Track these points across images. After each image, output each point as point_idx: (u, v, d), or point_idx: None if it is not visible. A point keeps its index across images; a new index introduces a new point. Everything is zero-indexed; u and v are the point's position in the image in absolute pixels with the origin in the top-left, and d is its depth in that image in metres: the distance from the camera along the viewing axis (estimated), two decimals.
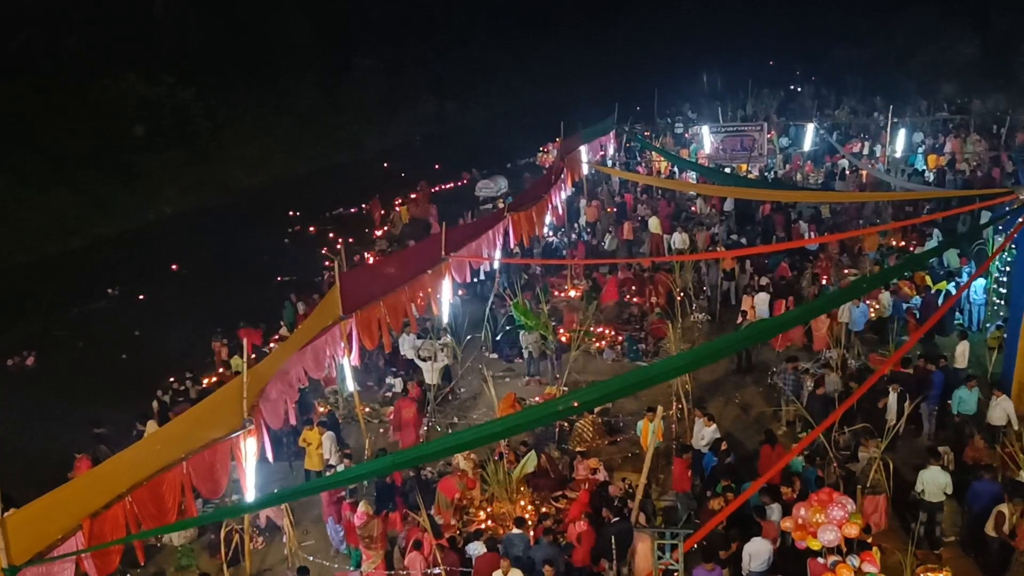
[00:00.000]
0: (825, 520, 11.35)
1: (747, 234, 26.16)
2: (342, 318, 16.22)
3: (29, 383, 22.52)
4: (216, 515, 11.99)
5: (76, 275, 31.22)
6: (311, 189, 43.48)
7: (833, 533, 11.28)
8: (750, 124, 36.58)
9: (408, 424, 16.92)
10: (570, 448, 16.76)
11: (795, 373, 16.70)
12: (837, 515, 11.35)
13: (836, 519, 11.33)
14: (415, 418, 17.14)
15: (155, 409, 18.01)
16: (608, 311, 22.92)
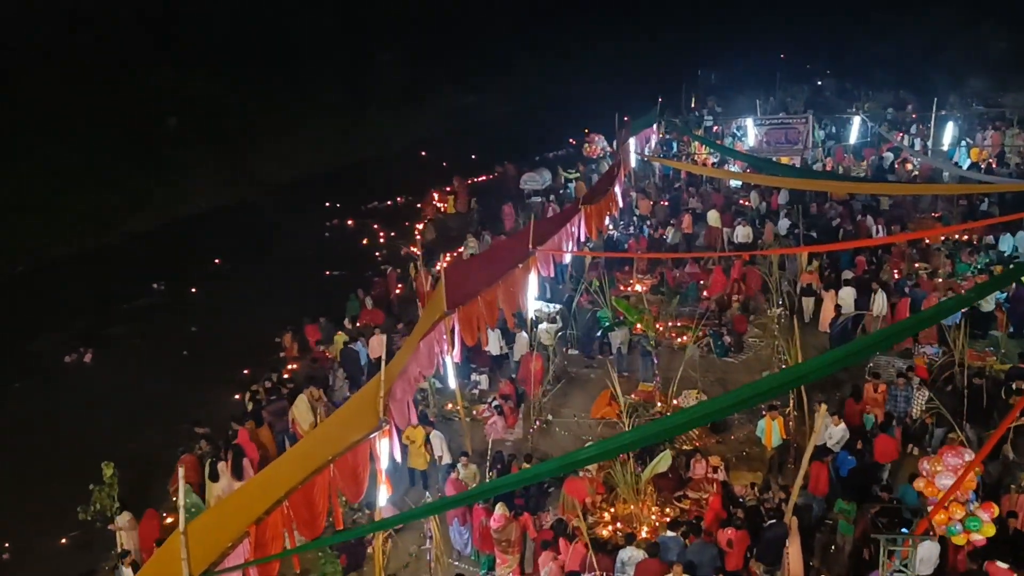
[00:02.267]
0: (942, 468, 11.44)
1: (816, 229, 25.64)
2: (447, 314, 15.78)
3: (91, 381, 22.05)
4: (371, 527, 11.50)
5: (117, 270, 30.57)
6: (342, 183, 42.80)
7: (949, 479, 11.25)
8: (795, 116, 36.22)
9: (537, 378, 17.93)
10: (677, 447, 16.35)
11: (907, 389, 15.90)
12: (953, 462, 11.38)
13: (952, 466, 11.34)
14: (540, 372, 18.13)
15: (249, 408, 17.50)
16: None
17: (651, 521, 13.99)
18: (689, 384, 18.43)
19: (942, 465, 11.49)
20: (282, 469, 10.67)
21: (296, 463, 10.84)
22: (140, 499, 16.36)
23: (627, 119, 33.83)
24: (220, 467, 14.82)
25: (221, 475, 14.72)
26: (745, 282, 23.02)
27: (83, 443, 18.56)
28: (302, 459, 10.91)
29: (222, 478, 14.70)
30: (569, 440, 17.43)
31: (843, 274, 21.55)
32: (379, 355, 19.43)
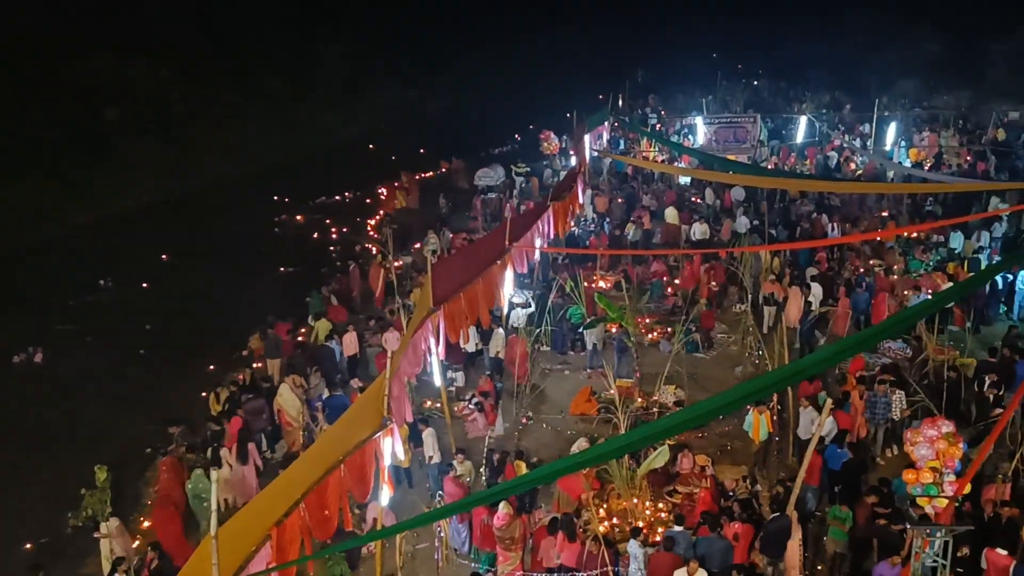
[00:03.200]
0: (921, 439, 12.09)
1: (775, 228, 26.15)
2: (432, 311, 15.63)
3: (44, 381, 21.09)
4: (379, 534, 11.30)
5: (59, 265, 29.42)
6: (285, 176, 42.07)
7: (927, 449, 11.96)
8: (743, 116, 36.88)
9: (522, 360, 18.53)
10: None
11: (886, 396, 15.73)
12: (930, 433, 12.05)
13: (929, 437, 12.03)
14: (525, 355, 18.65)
15: (221, 408, 17.05)
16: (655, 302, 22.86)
17: (646, 516, 14.08)
18: (666, 381, 18.61)
19: (921, 436, 12.14)
20: (297, 470, 10.45)
21: (310, 464, 10.63)
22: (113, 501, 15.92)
23: (572, 116, 33.86)
24: (223, 453, 14.70)
25: (224, 461, 14.61)
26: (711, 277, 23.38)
27: (44, 446, 17.92)
28: (315, 460, 10.71)
29: (225, 465, 14.59)
30: (551, 436, 17.46)
31: (807, 271, 22.01)
32: (353, 352, 19.42)
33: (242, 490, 14.79)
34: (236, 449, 14.84)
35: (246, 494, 14.51)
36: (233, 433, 15.26)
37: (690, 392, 18.31)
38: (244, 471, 14.88)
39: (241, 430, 15.25)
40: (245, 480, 14.91)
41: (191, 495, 14.03)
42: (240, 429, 15.27)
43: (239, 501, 14.51)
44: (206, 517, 13.22)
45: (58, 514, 15.27)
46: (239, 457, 14.83)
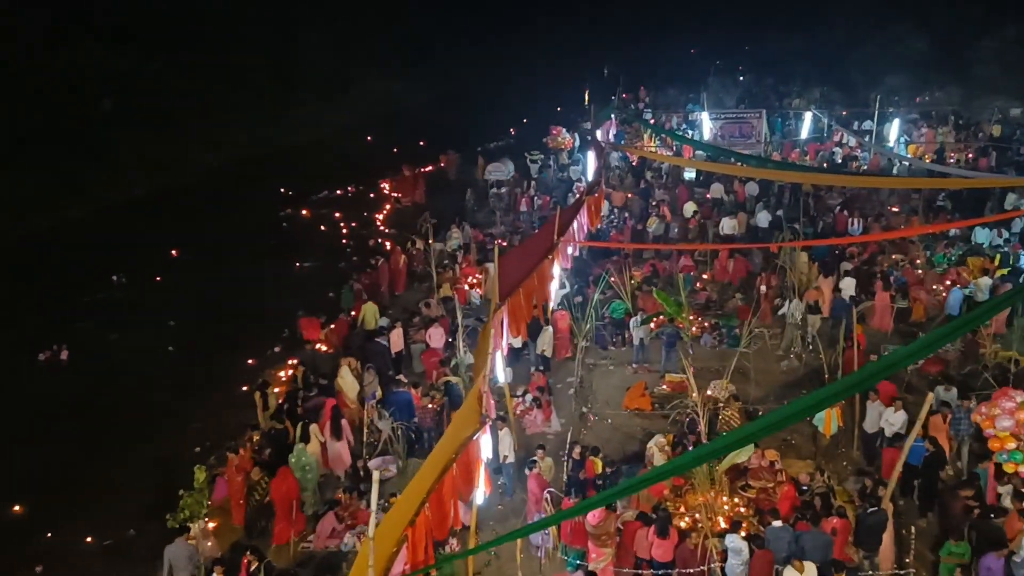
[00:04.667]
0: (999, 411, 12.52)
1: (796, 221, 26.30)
2: (498, 306, 15.50)
3: (74, 381, 20.54)
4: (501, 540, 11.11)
5: (60, 260, 28.74)
6: (277, 168, 41.61)
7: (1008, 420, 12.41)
8: (750, 111, 37.03)
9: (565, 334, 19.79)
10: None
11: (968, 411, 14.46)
12: (1007, 405, 12.49)
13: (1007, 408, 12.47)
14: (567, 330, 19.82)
15: (275, 405, 16.78)
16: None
17: (724, 511, 14.07)
18: (713, 375, 18.64)
19: (999, 408, 12.52)
20: (425, 470, 10.27)
21: (427, 465, 10.45)
22: (165, 503, 15.59)
23: (590, 108, 33.84)
24: (312, 429, 15.09)
25: (313, 436, 15.08)
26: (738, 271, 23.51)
27: (88, 448, 17.44)
28: (430, 461, 10.53)
29: (314, 440, 15.07)
30: (609, 431, 17.38)
31: (842, 265, 22.17)
32: (399, 349, 19.21)
33: (339, 465, 15.51)
34: (330, 426, 15.28)
35: (341, 467, 15.50)
36: (327, 411, 15.57)
37: (740, 386, 18.29)
38: (339, 447, 15.43)
39: (334, 408, 15.64)
40: (341, 456, 15.49)
41: (295, 468, 14.30)
42: (333, 407, 15.65)
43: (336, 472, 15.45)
44: (309, 487, 14.41)
45: (113, 514, 15.17)
46: (333, 434, 15.33)
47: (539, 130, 47.83)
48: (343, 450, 15.55)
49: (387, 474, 15.69)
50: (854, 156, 34.93)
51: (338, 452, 15.47)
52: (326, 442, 15.29)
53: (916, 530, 12.94)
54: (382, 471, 15.65)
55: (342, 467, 15.51)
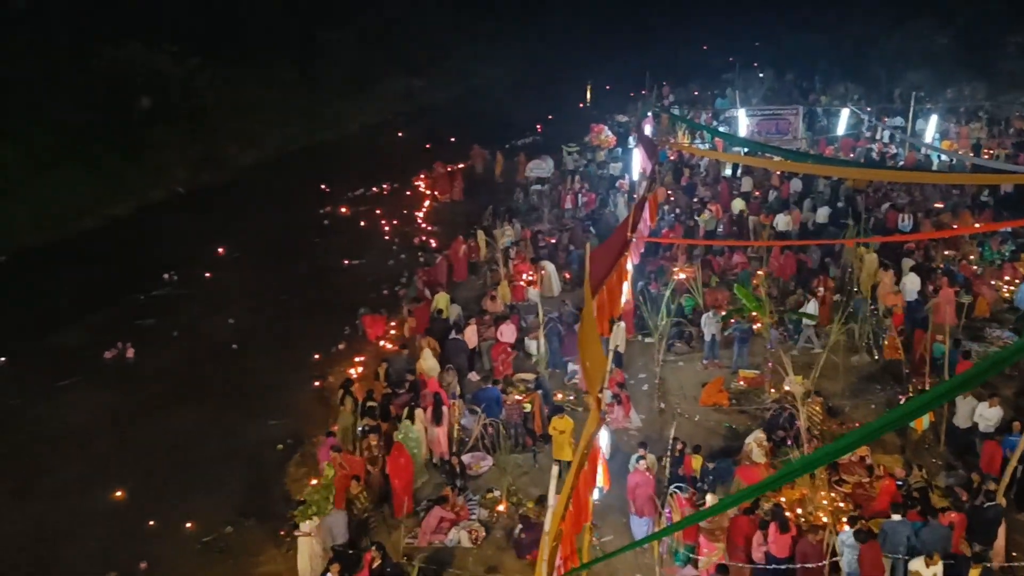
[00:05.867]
0: None
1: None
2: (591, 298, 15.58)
3: (143, 378, 20.60)
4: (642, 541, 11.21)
5: (110, 258, 28.74)
6: (310, 166, 41.67)
7: None
8: (787, 108, 37.13)
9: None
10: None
11: None
12: None
13: None
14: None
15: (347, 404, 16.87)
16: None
17: (823, 506, 14.21)
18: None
19: None
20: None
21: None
22: (259, 498, 15.74)
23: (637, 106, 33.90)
24: (417, 413, 15.68)
25: (417, 420, 15.66)
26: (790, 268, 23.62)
27: (169, 447, 17.52)
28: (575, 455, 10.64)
29: (418, 422, 15.68)
30: (690, 426, 17.46)
31: (903, 262, 22.29)
32: (473, 345, 19.34)
33: (439, 448, 16.00)
34: (432, 411, 15.83)
35: (442, 449, 15.97)
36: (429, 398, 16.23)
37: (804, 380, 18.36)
38: (439, 432, 15.91)
39: (435, 394, 16.23)
40: (440, 441, 15.97)
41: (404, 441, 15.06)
42: (435, 394, 16.26)
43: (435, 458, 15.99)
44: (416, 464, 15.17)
45: (206, 511, 15.31)
46: (434, 418, 15.81)
47: (566, 127, 48.16)
48: (442, 435, 15.99)
49: (480, 469, 15.82)
50: (894, 153, 35.01)
51: (437, 437, 15.96)
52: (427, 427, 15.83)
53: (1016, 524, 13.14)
54: (477, 466, 15.86)
55: (441, 451, 15.99)
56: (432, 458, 16.10)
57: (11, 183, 30.24)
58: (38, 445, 17.64)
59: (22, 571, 14.01)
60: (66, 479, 16.40)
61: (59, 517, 15.24)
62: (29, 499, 15.83)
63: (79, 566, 14.08)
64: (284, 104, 46.05)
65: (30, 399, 19.50)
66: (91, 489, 16.07)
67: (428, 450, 16.02)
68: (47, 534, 14.83)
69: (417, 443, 15.35)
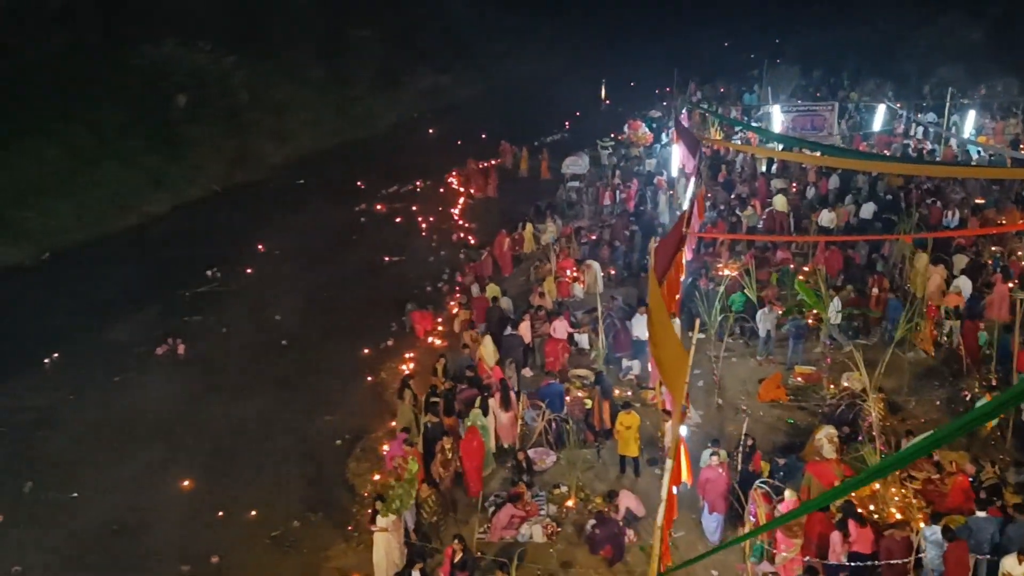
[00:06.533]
0: None
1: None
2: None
3: (196, 372, 20.68)
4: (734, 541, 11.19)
5: (151, 255, 28.98)
6: (341, 164, 41.81)
7: None
8: (822, 104, 37.00)
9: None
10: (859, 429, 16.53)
11: None
12: None
13: None
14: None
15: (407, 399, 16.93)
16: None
17: (895, 502, 14.15)
18: (840, 367, 18.73)
19: None
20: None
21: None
22: (322, 493, 15.79)
23: (671, 104, 33.84)
24: (490, 402, 16.01)
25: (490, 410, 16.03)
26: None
27: (230, 438, 17.64)
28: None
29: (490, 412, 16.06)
30: (750, 423, 17.38)
31: (955, 258, 22.17)
32: (528, 341, 19.34)
33: (507, 434, 16.37)
34: (500, 398, 16.15)
35: (510, 438, 16.33)
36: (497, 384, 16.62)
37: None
38: (507, 419, 16.24)
39: (502, 380, 16.77)
40: (509, 428, 16.33)
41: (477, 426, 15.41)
42: (501, 380, 16.82)
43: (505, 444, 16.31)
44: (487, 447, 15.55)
45: (272, 507, 15.40)
46: (503, 405, 16.13)
47: (592, 123, 48.21)
48: (510, 423, 16.25)
49: (544, 465, 15.83)
50: (930, 149, 34.82)
51: (506, 423, 16.24)
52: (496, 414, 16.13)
53: None
54: (541, 462, 15.86)
55: (509, 439, 16.32)
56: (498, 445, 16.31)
57: (54, 181, 30.42)
58: (98, 440, 17.74)
59: (94, 565, 14.07)
60: (132, 472, 16.51)
61: (126, 510, 15.32)
62: (93, 493, 15.90)
63: (151, 559, 14.16)
64: (315, 102, 46.25)
65: (87, 394, 19.64)
66: (156, 482, 16.20)
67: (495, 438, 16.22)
68: (116, 527, 14.91)
69: (486, 432, 15.50)
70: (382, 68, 54.56)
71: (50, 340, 22.05)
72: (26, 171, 30.01)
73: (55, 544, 14.49)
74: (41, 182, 29.94)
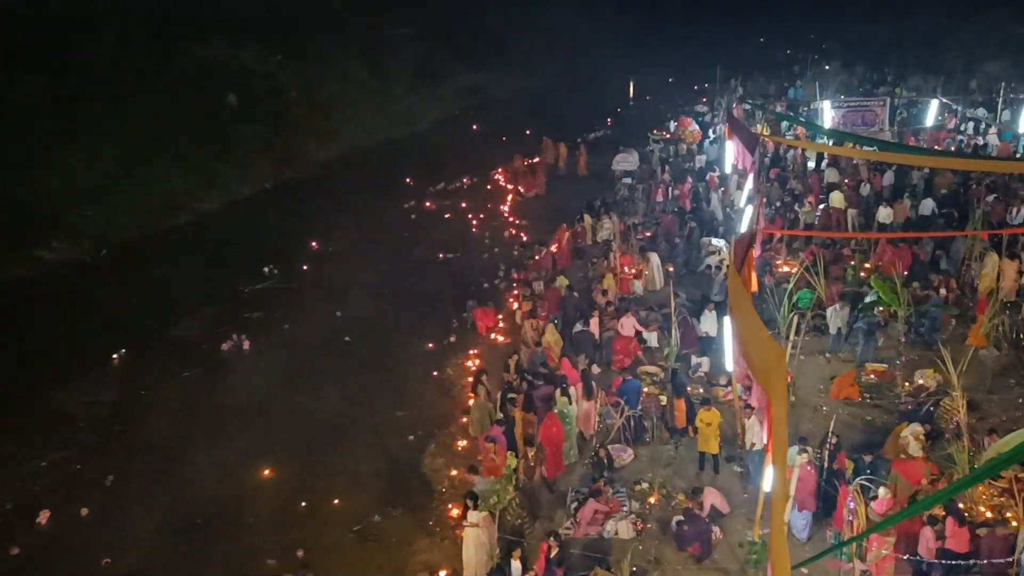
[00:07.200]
0: None
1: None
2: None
3: (264, 368, 20.77)
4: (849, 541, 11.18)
5: (205, 253, 29.06)
6: (385, 161, 41.90)
7: None
8: (873, 99, 36.66)
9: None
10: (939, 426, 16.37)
11: None
12: None
13: None
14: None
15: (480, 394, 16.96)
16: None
17: (983, 500, 14.03)
18: (912, 364, 18.59)
19: None
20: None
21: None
22: (400, 488, 15.85)
23: (720, 102, 33.66)
24: (571, 391, 16.12)
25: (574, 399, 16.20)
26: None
27: (303, 433, 17.76)
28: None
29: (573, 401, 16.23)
30: (825, 420, 17.27)
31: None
32: (597, 336, 19.35)
33: (587, 422, 16.66)
34: (582, 387, 16.45)
35: (589, 427, 16.68)
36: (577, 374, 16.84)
37: (946, 376, 18.11)
38: (588, 407, 16.54)
39: (584, 370, 17.01)
40: (589, 416, 16.64)
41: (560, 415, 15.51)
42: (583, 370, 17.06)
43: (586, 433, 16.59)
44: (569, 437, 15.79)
45: (351, 502, 15.54)
46: (585, 394, 16.45)
47: (637, 120, 48.06)
48: (591, 411, 16.55)
49: (622, 461, 15.82)
50: (982, 144, 34.40)
51: (587, 411, 16.50)
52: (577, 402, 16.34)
53: None
54: (619, 458, 15.85)
55: (589, 428, 16.60)
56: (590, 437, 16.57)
57: (108, 179, 30.70)
58: (175, 434, 17.94)
59: (181, 559, 14.21)
60: (212, 464, 16.70)
61: (209, 503, 15.49)
62: (176, 486, 16.08)
63: (238, 553, 14.29)
64: (357, 100, 46.41)
65: (158, 389, 19.82)
66: (236, 475, 16.38)
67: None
68: (200, 521, 15.07)
69: (570, 420, 15.71)
70: (421, 66, 54.66)
71: (115, 336, 22.20)
72: (82, 170, 30.29)
73: (142, 538, 14.65)
74: (97, 181, 30.22)
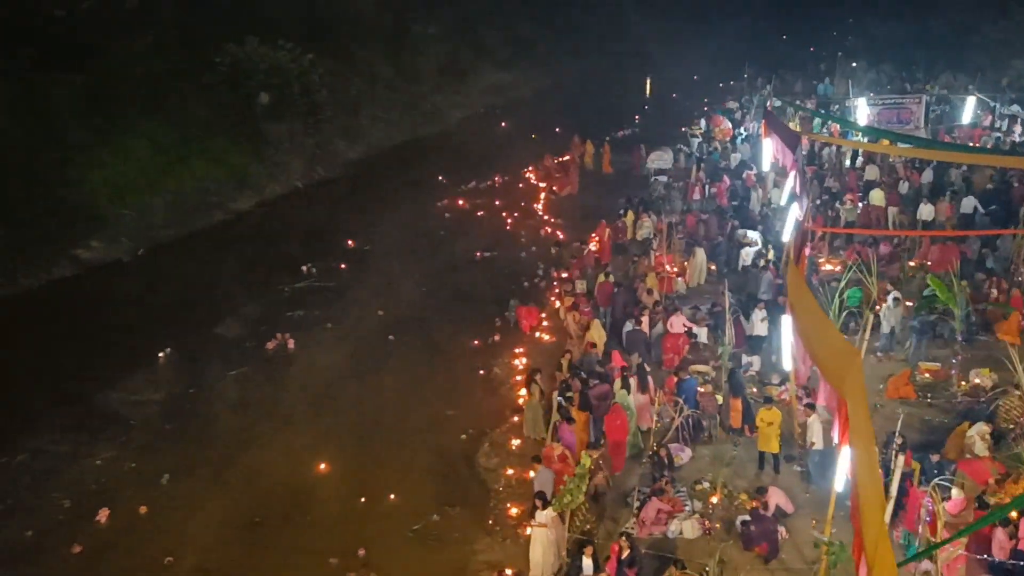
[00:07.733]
0: None
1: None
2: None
3: (313, 369, 20.73)
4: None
5: (240, 251, 29.16)
6: (413, 160, 41.98)
7: None
8: (908, 96, 36.40)
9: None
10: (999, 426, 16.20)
11: None
12: None
13: None
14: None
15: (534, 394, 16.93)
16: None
17: None
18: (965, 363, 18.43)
19: None
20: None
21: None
22: (456, 487, 15.81)
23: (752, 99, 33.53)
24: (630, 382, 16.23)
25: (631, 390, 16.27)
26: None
27: (355, 432, 17.77)
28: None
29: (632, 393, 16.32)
30: (881, 419, 17.07)
31: None
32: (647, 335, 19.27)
33: (644, 417, 16.56)
34: (637, 381, 16.48)
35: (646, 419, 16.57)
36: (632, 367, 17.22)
37: (1001, 375, 17.97)
38: (644, 400, 16.49)
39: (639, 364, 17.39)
40: (646, 409, 16.54)
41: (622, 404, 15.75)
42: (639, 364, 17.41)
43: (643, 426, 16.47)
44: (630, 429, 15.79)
45: (408, 502, 15.50)
46: (640, 387, 16.47)
47: (664, 118, 47.91)
48: (647, 404, 16.52)
49: (681, 461, 15.73)
50: (1019, 141, 34.13)
51: (644, 404, 16.46)
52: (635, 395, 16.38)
53: None
54: (677, 458, 15.76)
55: (646, 422, 16.50)
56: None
57: (145, 179, 30.86)
58: (227, 432, 17.94)
59: (241, 558, 14.20)
60: (266, 463, 16.71)
61: (266, 501, 15.48)
62: (232, 484, 16.09)
63: (297, 552, 14.26)
64: (385, 99, 46.59)
65: (206, 388, 19.87)
66: (291, 473, 16.36)
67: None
68: (259, 519, 15.06)
69: (631, 413, 15.77)
70: (447, 65, 54.76)
71: (159, 335, 22.27)
72: (119, 169, 30.45)
73: (202, 536, 14.64)
74: (134, 180, 30.38)
